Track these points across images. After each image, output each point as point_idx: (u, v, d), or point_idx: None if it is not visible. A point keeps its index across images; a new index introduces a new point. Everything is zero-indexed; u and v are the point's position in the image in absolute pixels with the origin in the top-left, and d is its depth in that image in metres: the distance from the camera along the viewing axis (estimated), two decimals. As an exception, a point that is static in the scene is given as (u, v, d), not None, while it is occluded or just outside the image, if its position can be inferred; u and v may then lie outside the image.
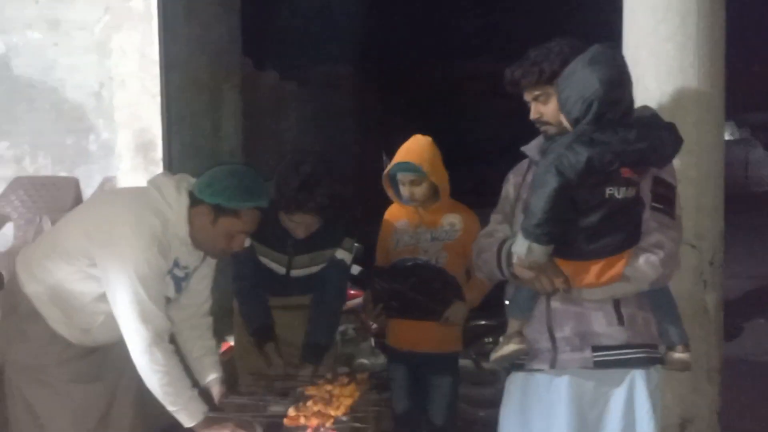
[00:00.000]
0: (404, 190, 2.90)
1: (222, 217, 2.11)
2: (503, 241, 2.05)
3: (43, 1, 4.22)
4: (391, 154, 2.97)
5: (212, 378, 2.33)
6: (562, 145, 1.89)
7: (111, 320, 2.10)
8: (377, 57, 9.45)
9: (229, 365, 3.56)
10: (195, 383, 2.25)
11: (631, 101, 1.95)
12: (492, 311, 3.08)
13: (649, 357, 2.01)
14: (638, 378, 1.99)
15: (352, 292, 4.39)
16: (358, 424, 1.86)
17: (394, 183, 2.95)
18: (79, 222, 2.21)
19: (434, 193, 2.90)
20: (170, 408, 2.07)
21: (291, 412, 1.92)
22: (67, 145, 4.29)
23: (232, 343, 3.78)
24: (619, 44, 2.67)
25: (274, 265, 2.79)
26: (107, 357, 2.24)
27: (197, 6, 4.47)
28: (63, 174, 4.30)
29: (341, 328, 4.16)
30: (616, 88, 1.88)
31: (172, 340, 2.26)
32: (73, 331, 2.15)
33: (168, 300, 2.19)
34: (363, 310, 3.16)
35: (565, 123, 1.98)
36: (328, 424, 1.85)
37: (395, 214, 3.04)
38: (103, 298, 2.09)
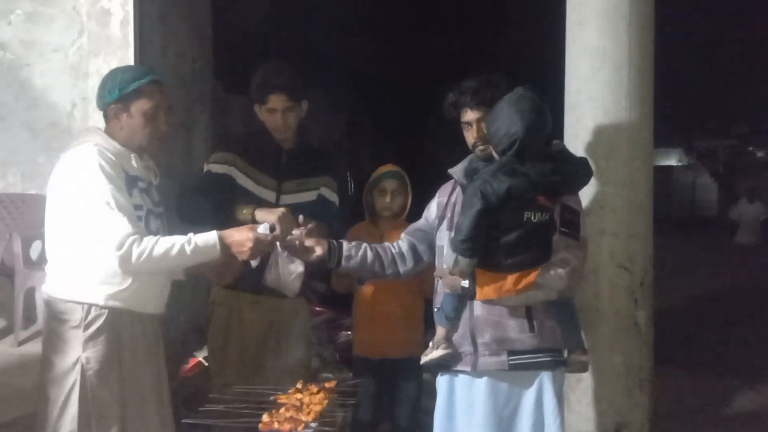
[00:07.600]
0: (382, 201, 3.11)
1: (132, 105, 2.21)
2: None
3: (17, 23, 4.22)
4: (356, 178, 3.22)
5: None
6: (488, 173, 2.17)
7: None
8: (346, 81, 9.67)
9: (198, 379, 3.65)
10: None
11: (548, 138, 2.22)
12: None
13: (555, 360, 2.30)
14: (546, 380, 2.27)
15: (318, 309, 4.54)
16: (327, 428, 2.03)
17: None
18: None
19: (400, 211, 3.17)
20: (192, 259, 2.14)
21: (265, 418, 2.05)
22: (38, 164, 4.23)
23: (200, 358, 3.89)
24: (563, 88, 2.97)
25: (264, 192, 2.78)
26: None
27: (172, 34, 4.53)
28: (33, 192, 4.25)
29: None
30: (536, 129, 2.15)
31: None
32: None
33: (153, 214, 2.25)
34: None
35: (494, 153, 2.25)
36: (299, 429, 2.02)
37: (356, 235, 3.21)
38: None
